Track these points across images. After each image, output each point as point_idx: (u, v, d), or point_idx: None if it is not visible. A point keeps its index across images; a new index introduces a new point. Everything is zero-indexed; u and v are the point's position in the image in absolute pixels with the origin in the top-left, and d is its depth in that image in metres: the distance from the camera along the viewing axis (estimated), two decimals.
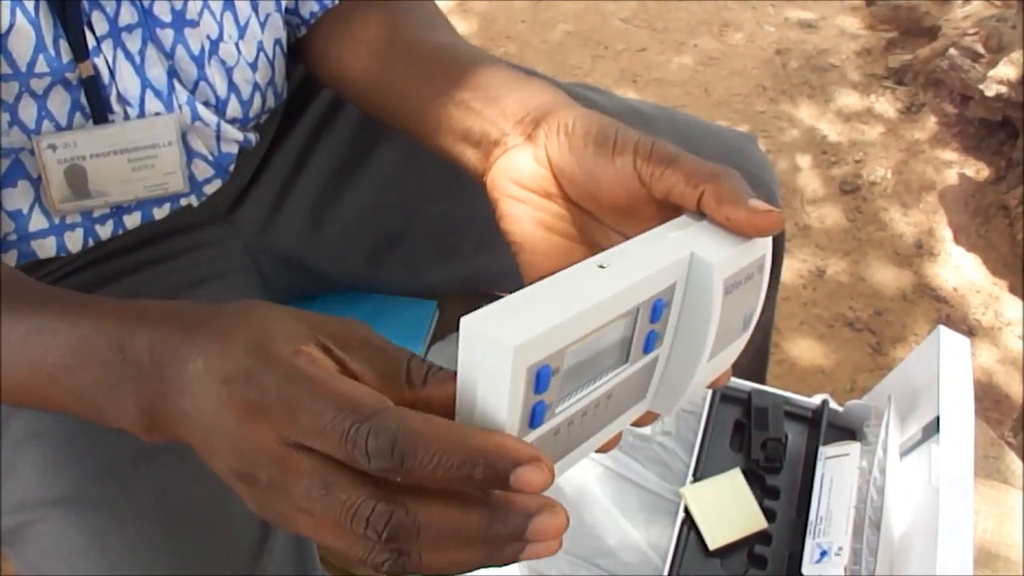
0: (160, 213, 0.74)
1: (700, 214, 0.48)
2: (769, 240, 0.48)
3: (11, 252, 0.69)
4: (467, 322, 0.36)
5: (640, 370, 0.45)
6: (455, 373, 0.38)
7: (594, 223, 0.54)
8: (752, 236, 0.46)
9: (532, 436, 0.39)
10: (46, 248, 0.70)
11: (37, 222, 0.68)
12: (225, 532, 0.63)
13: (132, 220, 0.73)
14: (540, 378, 0.37)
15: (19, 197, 0.67)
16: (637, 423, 0.48)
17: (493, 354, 0.36)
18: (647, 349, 0.44)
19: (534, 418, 0.38)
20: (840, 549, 0.77)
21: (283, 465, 0.36)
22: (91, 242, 0.72)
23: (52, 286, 0.52)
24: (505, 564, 0.36)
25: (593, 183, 0.51)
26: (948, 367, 0.79)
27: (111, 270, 0.76)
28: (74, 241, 0.71)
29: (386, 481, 0.34)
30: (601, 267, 0.42)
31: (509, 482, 0.33)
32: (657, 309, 0.43)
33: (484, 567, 0.36)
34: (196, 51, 0.69)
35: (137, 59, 0.66)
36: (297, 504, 0.36)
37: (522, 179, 0.55)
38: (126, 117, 0.67)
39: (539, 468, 0.34)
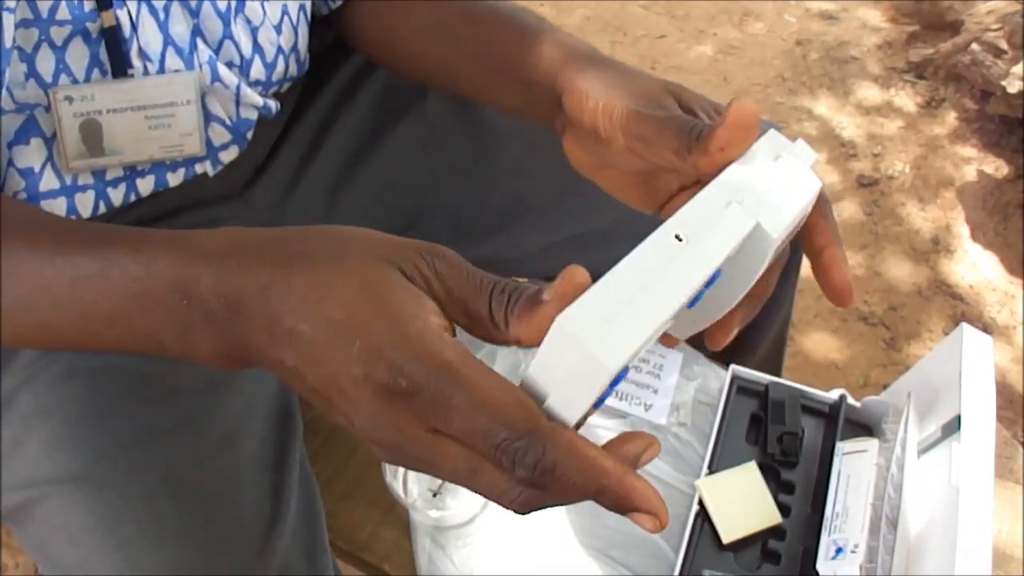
0: (174, 179, 0.73)
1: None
2: (815, 179, 0.50)
3: None
4: (563, 324, 0.37)
5: None
6: (532, 307, 0.39)
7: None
8: (740, 146, 0.49)
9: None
10: (56, 209, 0.68)
11: (48, 182, 0.67)
12: (235, 512, 0.63)
13: (145, 185, 0.72)
14: (617, 379, 0.38)
15: (31, 155, 0.66)
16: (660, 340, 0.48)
17: (585, 367, 0.37)
18: (689, 305, 0.45)
19: (597, 402, 0.39)
20: (856, 546, 0.76)
21: (428, 447, 0.38)
22: (103, 206, 0.70)
23: (93, 222, 0.52)
24: None
25: (604, 162, 0.59)
26: (970, 366, 0.78)
27: None
28: (85, 204, 0.69)
29: None
30: (678, 239, 0.42)
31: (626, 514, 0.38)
32: (714, 278, 0.44)
33: None
34: (223, 8, 0.68)
35: (161, 15, 0.65)
36: (441, 474, 0.39)
37: (574, 159, 0.63)
38: (145, 73, 0.66)
39: (652, 519, 0.38)
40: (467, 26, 0.69)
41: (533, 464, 0.36)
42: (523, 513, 0.39)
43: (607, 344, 0.37)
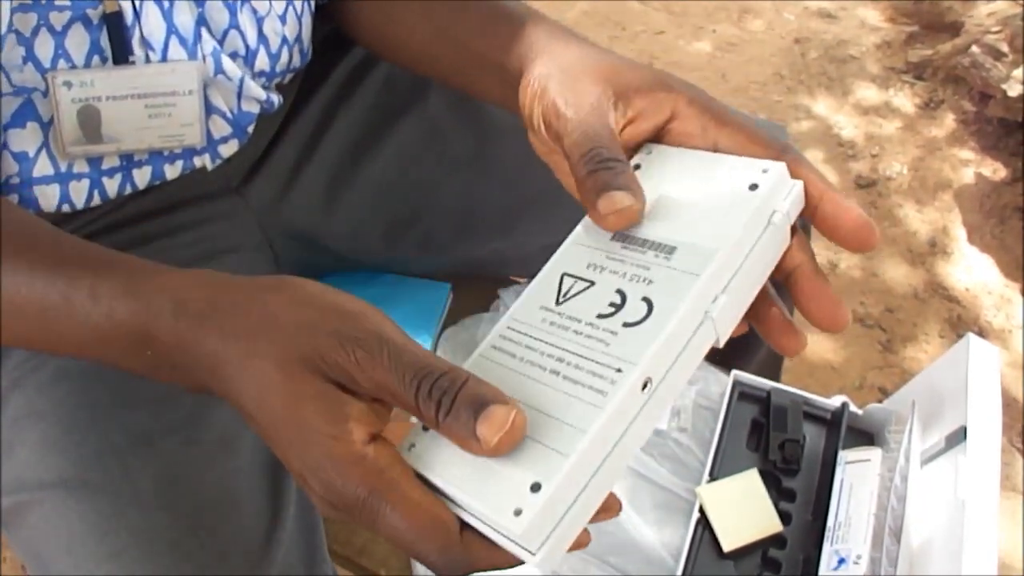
0: (172, 172, 0.71)
1: None
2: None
3: (12, 197, 0.66)
4: (515, 526, 0.37)
5: None
6: (465, 431, 0.38)
7: None
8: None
9: None
10: (49, 197, 0.67)
11: (42, 167, 0.65)
12: (232, 520, 0.61)
13: (142, 176, 0.70)
14: None
15: (27, 139, 0.64)
16: None
17: (519, 553, 0.38)
18: None
19: None
20: (859, 557, 0.75)
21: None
22: (96, 196, 0.69)
23: (56, 233, 0.52)
24: None
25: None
26: (976, 377, 0.77)
27: (118, 241, 0.73)
28: (79, 193, 0.68)
29: None
30: (647, 386, 0.39)
31: None
32: None
33: None
34: None
35: (166, 3, 0.63)
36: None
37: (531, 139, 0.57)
38: (147, 62, 0.64)
39: None
40: (454, 15, 0.66)
41: (460, 572, 0.39)
42: None
43: (549, 553, 0.37)
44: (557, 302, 0.44)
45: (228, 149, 0.73)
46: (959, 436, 0.76)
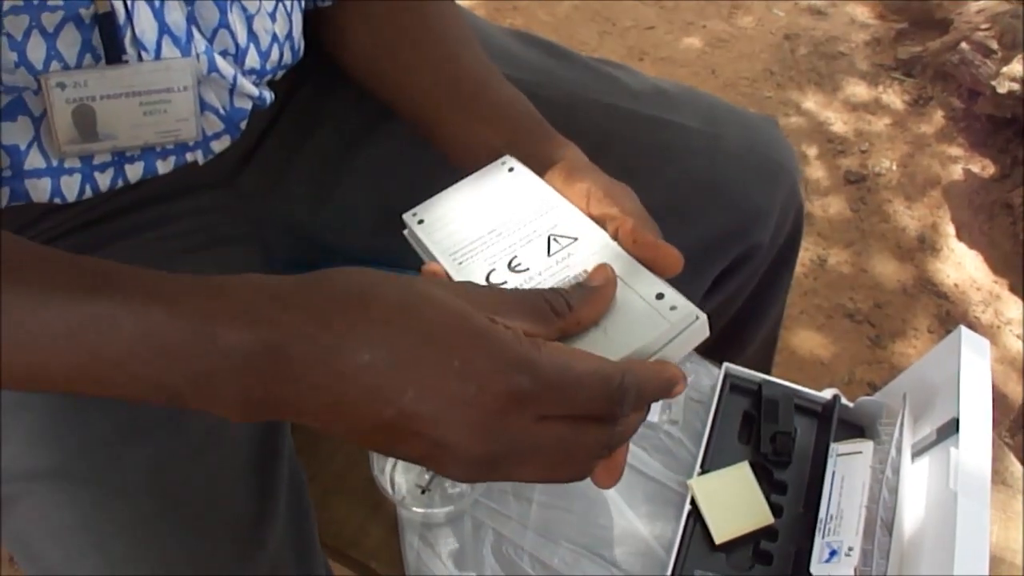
0: (164, 167, 0.71)
1: None
2: None
3: (3, 190, 0.65)
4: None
5: None
6: (585, 295, 0.49)
7: None
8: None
9: None
10: (40, 189, 0.66)
11: (33, 160, 0.65)
12: (222, 510, 0.61)
13: (134, 171, 0.70)
14: None
15: (18, 132, 0.63)
16: None
17: None
18: None
19: None
20: (850, 550, 0.75)
21: (538, 433, 0.44)
22: (88, 190, 0.68)
23: (95, 259, 0.48)
24: None
25: None
26: (968, 369, 0.77)
27: (107, 232, 0.73)
28: (70, 187, 0.67)
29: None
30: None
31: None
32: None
33: None
34: None
35: (156, 2, 0.63)
36: (542, 456, 0.45)
37: None
38: (140, 61, 0.64)
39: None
40: (458, 81, 0.71)
41: (636, 397, 0.45)
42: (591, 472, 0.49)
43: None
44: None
45: (220, 145, 0.73)
46: (951, 428, 0.76)
